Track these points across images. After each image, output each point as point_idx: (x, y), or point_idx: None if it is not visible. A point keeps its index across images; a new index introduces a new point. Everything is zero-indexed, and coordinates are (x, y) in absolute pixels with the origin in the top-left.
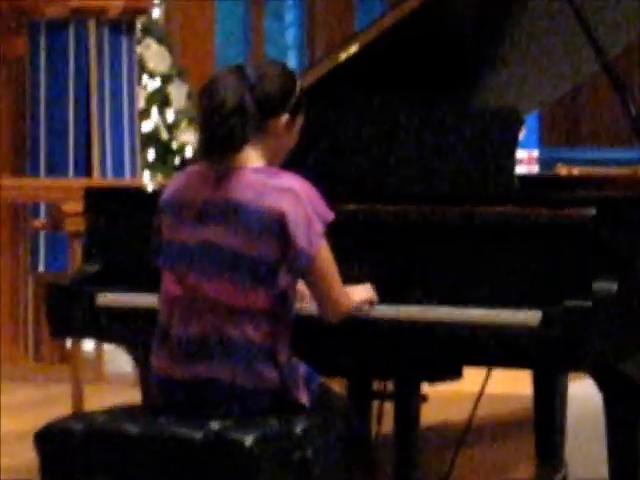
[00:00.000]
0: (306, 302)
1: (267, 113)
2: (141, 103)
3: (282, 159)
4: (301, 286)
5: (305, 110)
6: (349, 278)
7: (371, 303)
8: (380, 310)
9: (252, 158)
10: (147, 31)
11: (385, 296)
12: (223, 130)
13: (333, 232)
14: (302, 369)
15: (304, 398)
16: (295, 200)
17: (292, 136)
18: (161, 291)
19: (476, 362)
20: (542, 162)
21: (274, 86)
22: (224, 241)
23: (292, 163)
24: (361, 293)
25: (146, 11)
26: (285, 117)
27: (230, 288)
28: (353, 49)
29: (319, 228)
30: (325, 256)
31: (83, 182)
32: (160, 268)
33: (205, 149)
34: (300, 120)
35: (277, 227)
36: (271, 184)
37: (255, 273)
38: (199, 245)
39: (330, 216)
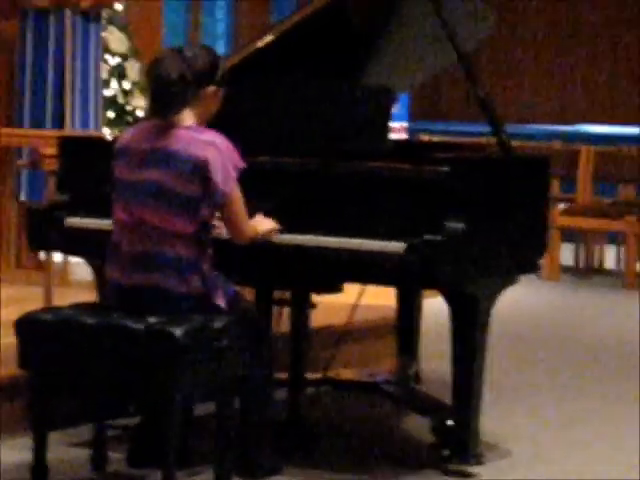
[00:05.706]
0: (220, 230)
1: (200, 83)
2: (104, 75)
3: (207, 121)
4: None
5: (226, 85)
6: (260, 211)
7: (274, 231)
8: (281, 238)
9: (186, 119)
10: (110, 20)
11: (285, 227)
12: (170, 95)
13: (253, 178)
14: (221, 280)
15: (222, 301)
16: (215, 151)
17: (216, 103)
18: (113, 218)
19: (354, 280)
20: (410, 131)
21: (205, 63)
22: (160, 180)
23: (219, 125)
24: (265, 224)
25: (111, 5)
26: (213, 87)
27: (164, 216)
28: (268, 39)
29: (232, 173)
30: (236, 195)
31: (57, 132)
32: (112, 200)
33: (155, 110)
34: (222, 92)
35: (201, 170)
36: (197, 138)
37: (182, 205)
38: (142, 183)
39: (241, 164)
